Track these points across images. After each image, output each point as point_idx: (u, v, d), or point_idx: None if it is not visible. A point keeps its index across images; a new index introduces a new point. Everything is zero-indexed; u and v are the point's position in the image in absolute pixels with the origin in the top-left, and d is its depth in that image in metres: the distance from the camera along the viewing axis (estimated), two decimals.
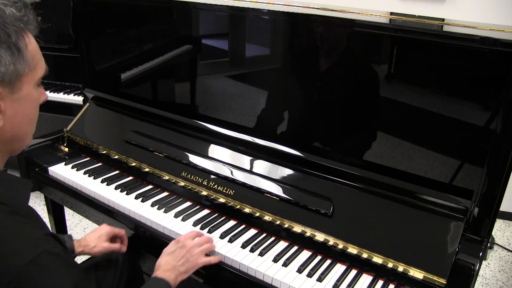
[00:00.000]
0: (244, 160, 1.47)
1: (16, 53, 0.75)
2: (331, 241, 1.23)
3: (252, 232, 1.34)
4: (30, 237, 0.74)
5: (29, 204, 0.85)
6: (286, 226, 1.30)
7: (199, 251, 1.17)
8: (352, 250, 1.21)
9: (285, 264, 1.20)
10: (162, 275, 1.08)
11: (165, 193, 1.51)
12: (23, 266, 0.70)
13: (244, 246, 1.25)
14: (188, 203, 1.46)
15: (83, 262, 1.36)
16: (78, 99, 2.55)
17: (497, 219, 1.75)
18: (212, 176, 1.46)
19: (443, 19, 1.32)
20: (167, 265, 1.12)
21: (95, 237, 1.31)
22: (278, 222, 1.31)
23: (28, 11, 0.78)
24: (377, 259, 1.17)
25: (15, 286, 0.69)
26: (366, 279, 1.18)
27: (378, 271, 1.18)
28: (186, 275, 1.14)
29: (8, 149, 0.83)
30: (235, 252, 1.23)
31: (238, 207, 1.38)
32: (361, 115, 1.35)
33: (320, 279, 1.15)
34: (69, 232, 2.42)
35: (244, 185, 1.40)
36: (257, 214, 1.35)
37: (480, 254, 1.14)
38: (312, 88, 1.42)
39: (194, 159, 1.52)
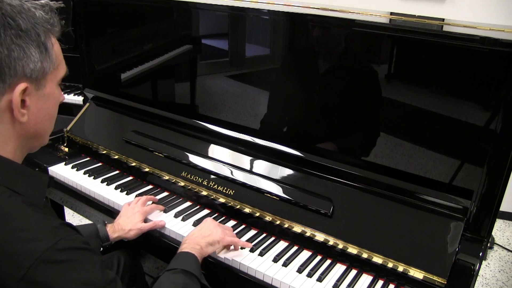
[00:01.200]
0: (244, 160, 1.46)
1: (44, 51, 0.80)
2: (331, 241, 1.23)
3: (252, 232, 1.34)
4: (48, 225, 0.76)
5: None
6: (286, 226, 1.30)
7: (226, 231, 1.22)
8: (352, 250, 1.21)
9: (285, 264, 1.20)
10: (186, 249, 1.12)
11: (165, 193, 1.51)
12: (43, 252, 0.71)
13: None
14: (188, 203, 1.46)
15: None
16: (78, 99, 2.55)
17: (497, 219, 1.75)
18: (212, 176, 1.45)
19: (443, 19, 1.32)
20: (193, 238, 1.16)
21: (129, 220, 1.30)
22: (278, 222, 1.31)
23: (54, 15, 0.84)
24: (377, 259, 1.17)
25: (35, 271, 0.70)
26: (366, 279, 1.18)
27: (378, 271, 1.18)
28: (211, 247, 1.17)
29: (28, 145, 0.86)
30: (235, 252, 1.23)
31: (238, 207, 1.38)
32: (361, 115, 1.35)
33: (320, 279, 1.15)
34: None
35: (244, 185, 1.40)
36: (257, 214, 1.35)
37: (480, 254, 1.14)
38: (312, 88, 1.42)
39: (194, 159, 1.52)
